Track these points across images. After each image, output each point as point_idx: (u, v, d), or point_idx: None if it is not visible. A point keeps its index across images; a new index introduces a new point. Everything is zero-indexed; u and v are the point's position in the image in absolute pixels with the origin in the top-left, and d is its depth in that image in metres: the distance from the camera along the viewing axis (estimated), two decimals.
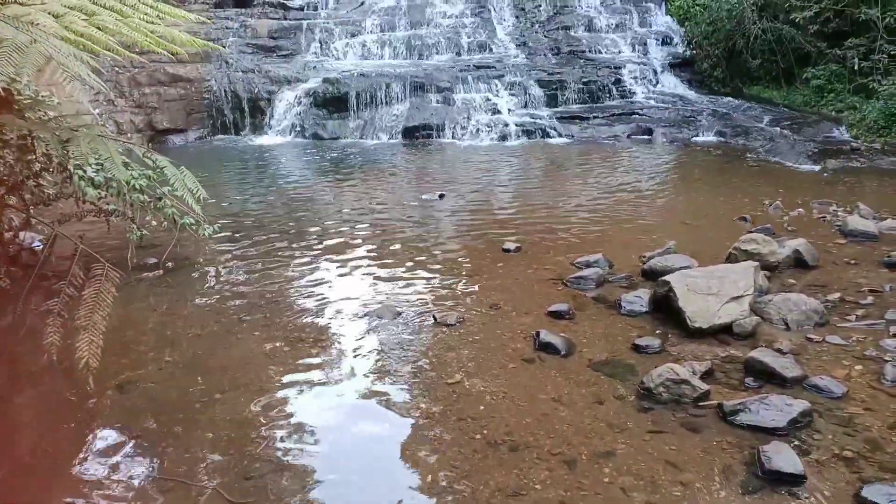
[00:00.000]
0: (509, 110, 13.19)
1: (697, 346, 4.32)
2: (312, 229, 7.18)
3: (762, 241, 5.59)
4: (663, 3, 17.03)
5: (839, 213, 7.16)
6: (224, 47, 14.28)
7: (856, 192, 8.22)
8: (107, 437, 3.52)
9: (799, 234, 6.44)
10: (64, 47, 2.65)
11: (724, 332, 4.43)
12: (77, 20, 3.02)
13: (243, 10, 16.24)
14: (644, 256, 5.89)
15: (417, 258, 6.24)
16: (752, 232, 6.17)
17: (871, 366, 3.97)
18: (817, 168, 9.60)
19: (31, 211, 4.90)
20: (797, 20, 12.83)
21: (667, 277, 4.83)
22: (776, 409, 3.42)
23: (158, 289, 5.56)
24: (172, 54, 4.00)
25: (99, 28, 3.19)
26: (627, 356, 4.25)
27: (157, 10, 3.79)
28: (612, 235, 6.85)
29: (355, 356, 4.35)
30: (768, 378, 3.83)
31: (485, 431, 3.46)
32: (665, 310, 4.76)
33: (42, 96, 5.18)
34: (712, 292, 4.60)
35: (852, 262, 5.77)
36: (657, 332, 4.55)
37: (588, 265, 5.76)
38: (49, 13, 2.96)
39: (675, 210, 7.87)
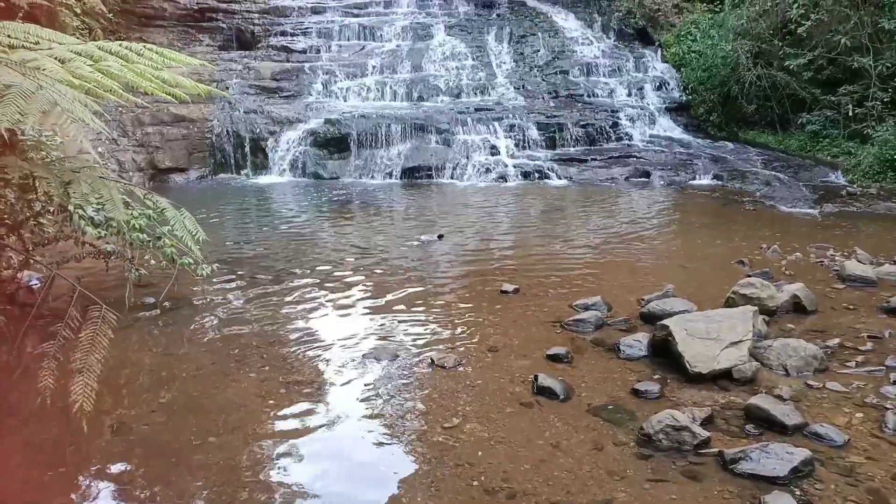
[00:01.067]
0: (508, 152, 13.33)
1: (697, 392, 4.28)
2: (311, 269, 7.18)
3: (760, 286, 5.59)
4: (659, 50, 17.37)
5: (837, 258, 7.18)
6: (228, 89, 14.50)
7: (852, 237, 8.27)
8: (98, 481, 3.46)
9: (797, 278, 6.45)
10: (69, 93, 2.69)
11: (723, 378, 4.39)
12: (83, 66, 3.07)
13: (247, 53, 16.55)
14: (643, 299, 5.89)
15: (415, 299, 6.22)
16: (750, 276, 6.17)
17: (872, 413, 3.93)
18: (814, 212, 9.67)
19: (31, 251, 4.90)
20: (791, 67, 13.08)
21: (665, 321, 4.82)
22: (777, 457, 3.38)
23: (155, 328, 5.53)
24: (176, 98, 4.06)
25: (104, 73, 3.25)
26: (627, 401, 4.21)
27: (162, 55, 3.86)
28: (610, 278, 6.85)
29: (351, 399, 4.31)
30: (769, 425, 3.79)
31: (482, 478, 3.40)
32: (664, 354, 4.73)
33: (45, 136, 5.24)
34: (711, 337, 4.59)
35: (851, 307, 5.76)
36: (656, 376, 4.51)
37: (586, 308, 5.75)
38: (56, 58, 3.02)
39: (673, 253, 7.89)
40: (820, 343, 4.86)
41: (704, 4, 17.19)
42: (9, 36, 3.44)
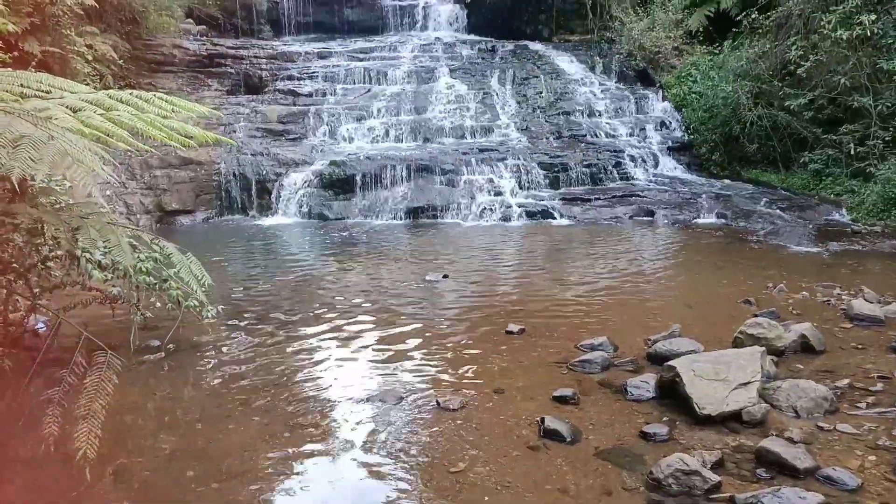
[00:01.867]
0: (512, 192, 13.42)
1: (706, 435, 4.23)
2: (316, 311, 7.18)
3: (768, 326, 5.55)
4: (660, 91, 17.59)
5: (844, 297, 7.14)
6: (235, 132, 14.71)
7: (859, 275, 8.24)
8: None
9: (804, 317, 6.42)
10: (80, 142, 2.75)
11: (733, 420, 4.34)
12: (94, 115, 3.13)
13: (255, 97, 16.82)
14: (649, 340, 5.86)
15: (421, 340, 6.20)
16: (757, 315, 6.14)
17: (884, 456, 3.87)
18: (819, 251, 9.66)
19: (38, 296, 4.92)
20: (791, 107, 13.21)
21: (673, 362, 4.78)
22: (790, 502, 3.32)
23: (159, 372, 5.51)
24: (184, 146, 4.13)
25: (115, 122, 3.31)
26: (635, 444, 4.15)
27: (171, 104, 3.94)
28: (616, 317, 6.83)
29: (356, 443, 4.26)
30: (780, 469, 3.73)
31: None
32: (672, 395, 4.69)
33: (54, 180, 5.30)
34: (719, 378, 4.54)
35: (859, 346, 5.72)
36: (665, 418, 4.46)
37: (593, 348, 5.72)
38: (67, 107, 3.08)
39: (678, 292, 7.87)
40: (829, 384, 4.81)
41: (704, 46, 17.46)
42: (22, 85, 3.52)
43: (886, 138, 11.80)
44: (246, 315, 6.99)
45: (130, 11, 14.61)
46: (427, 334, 6.37)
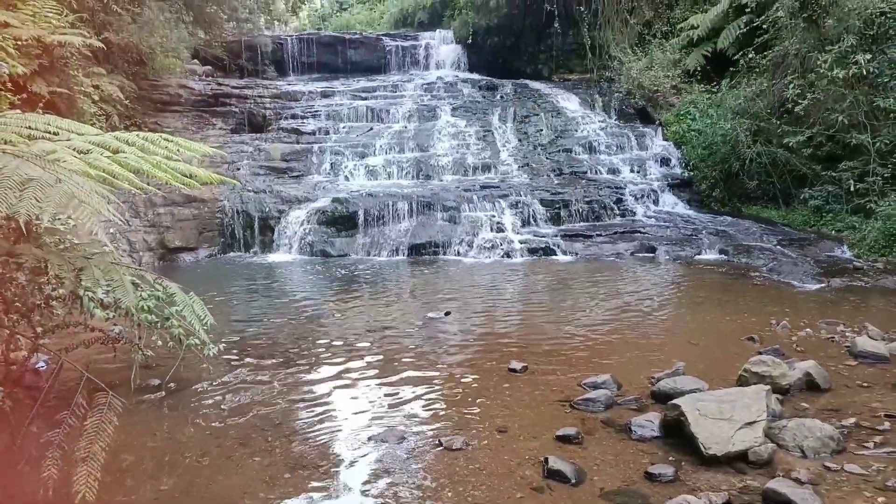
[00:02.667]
0: (514, 229, 13.46)
1: (712, 475, 4.17)
2: (318, 349, 7.15)
3: (772, 363, 5.52)
4: (660, 128, 17.78)
5: (847, 334, 7.11)
6: (238, 170, 14.85)
7: (862, 312, 8.21)
8: None
9: (808, 355, 6.38)
10: (86, 184, 2.78)
11: (739, 460, 4.29)
12: (101, 157, 3.18)
13: (258, 135, 17.03)
14: (653, 377, 5.82)
15: (423, 378, 6.16)
16: (761, 353, 6.11)
17: (893, 498, 3.81)
18: (822, 287, 9.63)
19: (40, 336, 4.91)
20: (790, 144, 13.32)
21: (677, 401, 4.75)
22: None
23: (159, 411, 5.47)
24: (190, 187, 4.17)
25: (121, 164, 3.36)
26: (640, 485, 4.10)
27: (177, 145, 3.99)
28: (619, 355, 6.79)
29: (357, 484, 4.21)
30: None
31: None
32: (677, 434, 4.64)
33: (58, 219, 5.34)
34: (725, 417, 4.50)
35: (865, 385, 5.67)
36: (670, 458, 4.41)
37: (596, 386, 5.68)
38: (74, 149, 3.13)
39: (681, 329, 7.84)
40: (836, 423, 4.76)
41: (702, 85, 17.69)
42: (29, 127, 3.58)
43: (885, 175, 11.87)
44: (247, 353, 6.96)
45: (137, 53, 14.87)
46: (429, 372, 6.34)
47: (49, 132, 3.68)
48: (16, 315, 4.58)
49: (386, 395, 5.77)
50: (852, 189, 12.28)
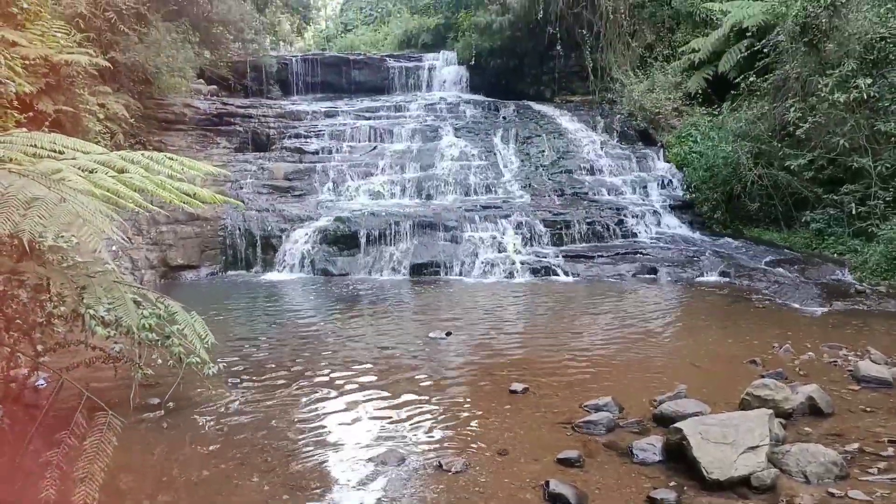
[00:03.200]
0: (515, 249, 13.47)
1: (715, 500, 4.13)
2: (318, 368, 7.13)
3: (775, 387, 5.49)
4: (661, 150, 17.86)
5: (850, 358, 7.07)
6: (242, 188, 14.91)
7: (864, 336, 8.17)
8: None
9: (811, 378, 6.34)
10: (90, 204, 2.80)
11: (742, 485, 4.25)
12: (106, 178, 3.20)
13: (262, 154, 17.13)
14: (655, 400, 5.79)
15: (423, 399, 6.13)
16: (763, 376, 6.08)
17: None
18: (824, 310, 9.61)
19: (41, 354, 4.91)
20: (791, 167, 13.36)
21: (679, 424, 4.72)
22: None
23: (158, 430, 5.44)
24: (194, 207, 4.20)
25: (126, 184, 3.39)
26: None
27: (182, 164, 4.02)
28: (620, 376, 6.76)
29: None
30: None
31: None
32: (679, 458, 4.61)
33: (62, 236, 5.36)
34: (727, 441, 4.47)
35: (868, 409, 5.63)
36: (672, 483, 4.37)
37: (598, 409, 5.65)
38: (80, 168, 3.15)
39: (683, 351, 7.81)
40: (839, 448, 4.73)
41: (703, 108, 17.79)
42: (35, 146, 3.61)
43: (887, 199, 11.87)
44: (247, 372, 6.94)
45: (143, 72, 15.01)
46: (429, 393, 6.31)
47: (55, 150, 3.71)
48: (17, 333, 4.58)
49: (386, 416, 5.74)
50: (854, 212, 12.28)
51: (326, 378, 6.78)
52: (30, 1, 9.75)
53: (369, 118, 19.50)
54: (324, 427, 5.50)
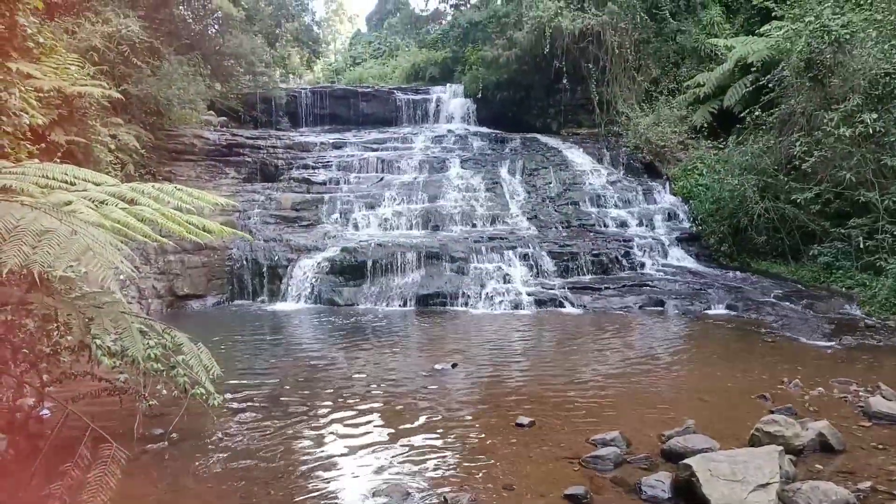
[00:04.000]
0: (522, 280, 13.46)
1: None
2: (322, 400, 7.08)
3: (785, 423, 5.42)
4: (667, 183, 17.93)
5: (861, 394, 6.99)
6: (249, 218, 15.00)
7: (875, 371, 8.08)
8: None
9: (821, 414, 6.26)
10: (101, 236, 2.83)
11: None
12: (116, 210, 3.24)
13: (270, 185, 17.29)
14: (663, 435, 5.72)
15: (429, 432, 6.08)
16: (773, 412, 6.01)
17: None
18: (833, 345, 9.52)
19: (46, 384, 4.91)
20: (798, 201, 13.36)
21: (688, 461, 4.66)
22: None
23: (162, 462, 5.40)
24: (202, 239, 4.24)
25: (136, 217, 3.42)
26: None
27: (191, 196, 4.06)
28: (628, 410, 6.69)
29: None
30: None
31: None
32: (688, 496, 4.54)
33: (70, 266, 5.38)
34: (737, 479, 4.41)
35: (880, 447, 5.55)
36: None
37: (605, 443, 5.58)
38: (91, 200, 3.19)
39: (691, 385, 7.73)
40: (851, 486, 4.64)
41: (709, 141, 17.89)
42: (46, 177, 3.66)
43: (895, 233, 11.84)
44: (251, 403, 6.90)
45: (155, 104, 15.25)
46: (435, 426, 6.25)
47: (66, 181, 3.76)
48: (24, 363, 4.58)
49: (390, 449, 5.68)
50: (862, 246, 12.24)
51: (331, 410, 6.73)
52: (45, 35, 9.95)
53: (377, 149, 19.69)
54: (327, 460, 5.45)
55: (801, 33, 13.18)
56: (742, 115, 15.81)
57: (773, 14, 15.99)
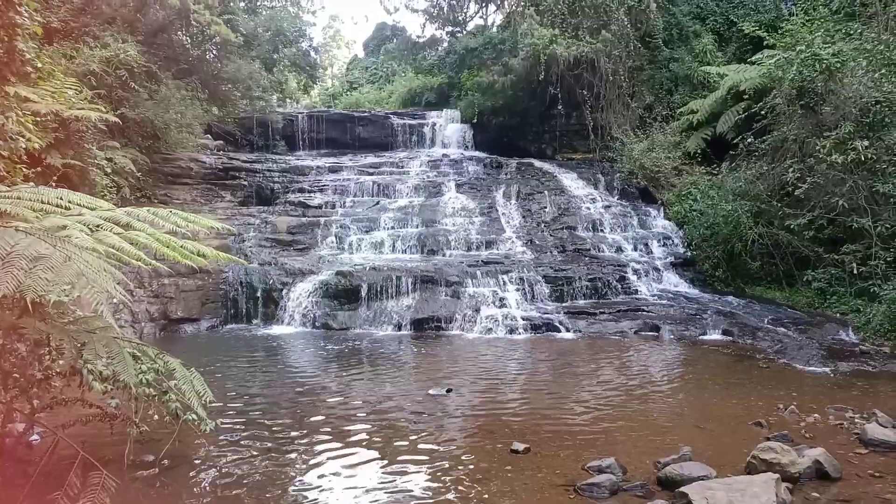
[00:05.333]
0: (517, 305, 13.43)
1: None
2: (316, 425, 7.02)
3: (781, 451, 5.39)
4: (662, 208, 18.02)
5: (856, 420, 6.97)
6: (245, 241, 14.99)
7: (870, 398, 8.07)
8: None
9: (817, 441, 6.24)
10: (95, 262, 2.83)
11: None
12: (111, 235, 3.24)
13: (266, 208, 17.32)
14: (659, 462, 5.68)
15: (423, 458, 6.02)
16: (769, 439, 5.99)
17: None
18: (828, 371, 9.51)
19: (36, 410, 4.86)
20: (792, 226, 13.44)
21: (685, 489, 4.63)
22: None
23: (153, 489, 5.33)
24: (196, 264, 4.23)
25: (131, 242, 3.42)
26: None
27: (186, 220, 4.06)
28: (623, 436, 6.65)
29: None
30: None
31: None
32: None
33: (62, 290, 5.35)
34: None
35: (877, 474, 5.52)
36: None
37: (601, 470, 5.53)
38: (85, 224, 3.19)
39: (687, 411, 7.69)
40: None
41: (702, 167, 18.03)
42: (41, 201, 3.66)
43: (888, 258, 11.89)
44: (243, 429, 6.83)
45: (152, 128, 15.31)
46: (428, 453, 6.20)
47: (61, 206, 3.76)
48: (15, 388, 4.54)
49: (384, 476, 5.63)
50: (855, 272, 12.29)
51: (323, 436, 6.67)
52: (44, 60, 10.01)
53: (373, 174, 19.77)
54: (319, 487, 5.39)
55: (792, 62, 13.35)
56: (735, 141, 15.95)
57: (765, 43, 16.23)
